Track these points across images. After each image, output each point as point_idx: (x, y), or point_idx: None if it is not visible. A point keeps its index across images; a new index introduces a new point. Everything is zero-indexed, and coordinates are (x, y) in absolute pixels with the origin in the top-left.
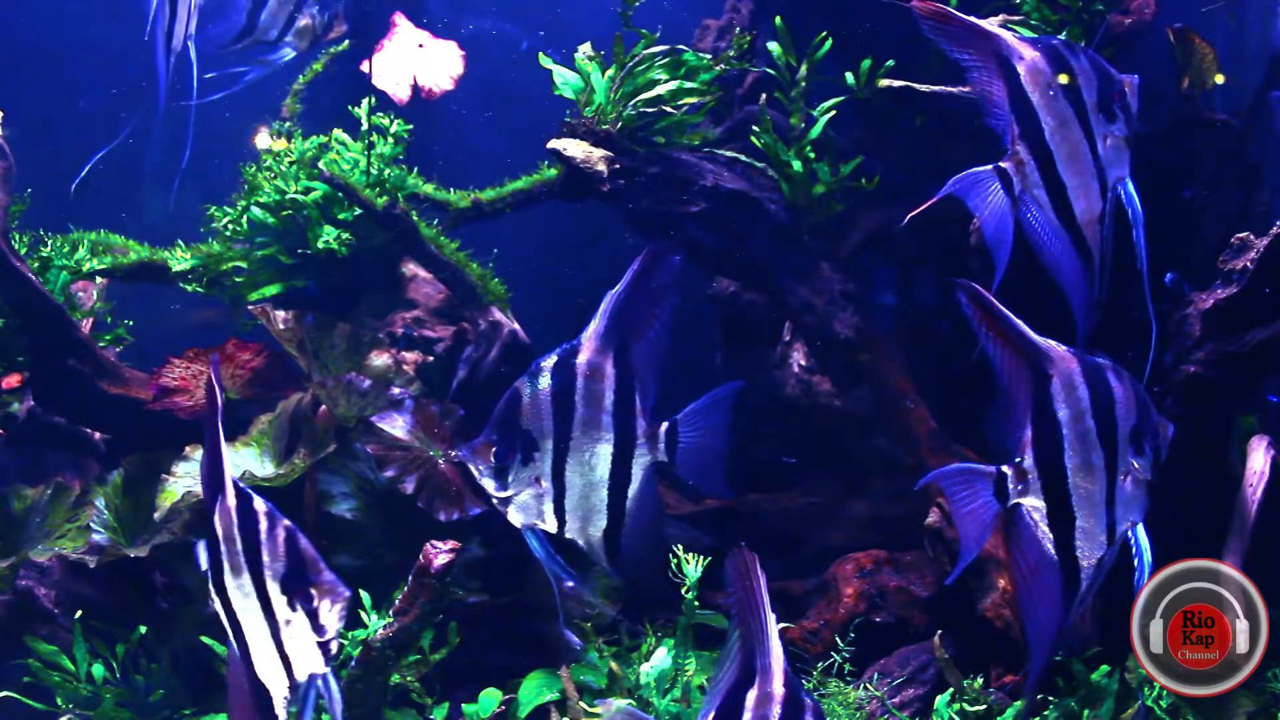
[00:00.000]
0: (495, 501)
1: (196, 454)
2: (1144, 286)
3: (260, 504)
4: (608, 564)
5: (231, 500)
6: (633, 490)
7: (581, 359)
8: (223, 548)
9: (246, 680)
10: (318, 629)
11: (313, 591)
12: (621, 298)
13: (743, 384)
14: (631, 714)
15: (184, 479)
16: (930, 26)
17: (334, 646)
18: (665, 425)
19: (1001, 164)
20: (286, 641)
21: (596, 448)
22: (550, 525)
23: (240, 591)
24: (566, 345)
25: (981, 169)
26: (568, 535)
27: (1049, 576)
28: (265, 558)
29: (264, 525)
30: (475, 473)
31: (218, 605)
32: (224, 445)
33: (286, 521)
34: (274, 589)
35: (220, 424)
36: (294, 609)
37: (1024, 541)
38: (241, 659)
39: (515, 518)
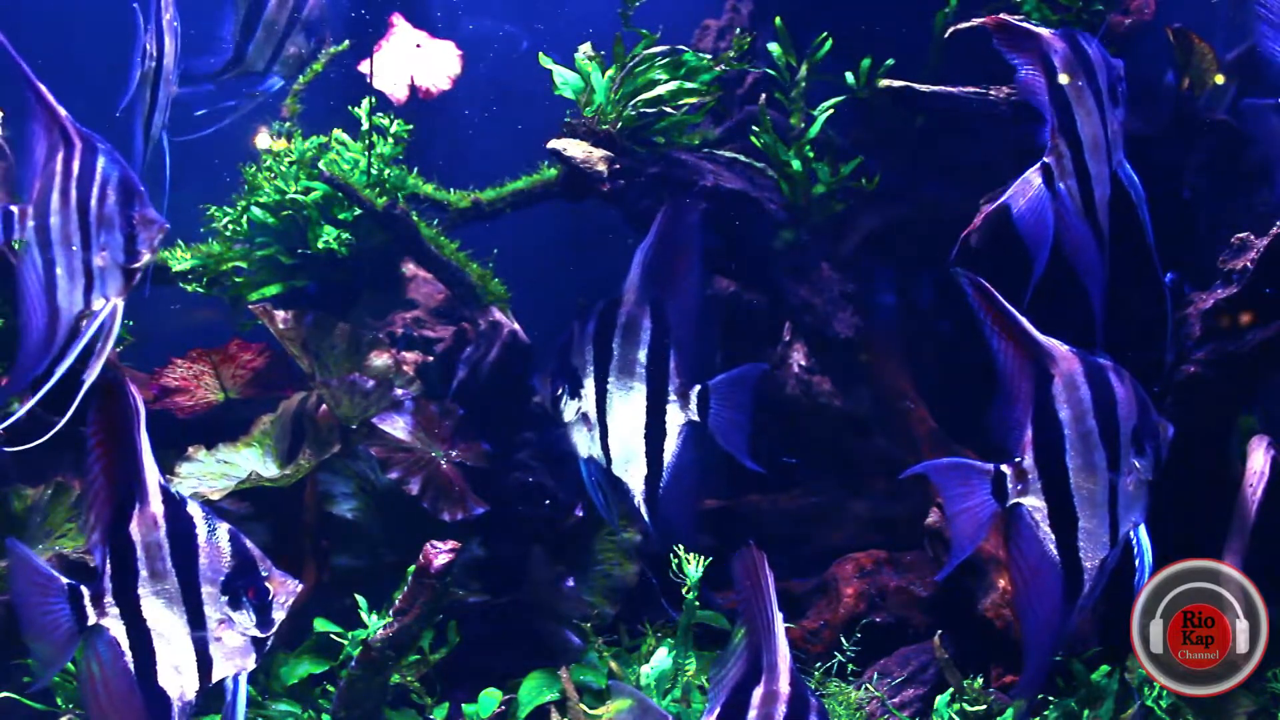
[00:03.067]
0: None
1: (200, 454)
2: (1154, 263)
3: (195, 509)
4: (645, 511)
5: (156, 508)
6: (669, 446)
7: (622, 309)
8: (140, 555)
9: (140, 688)
10: (267, 622)
11: (267, 585)
12: (651, 250)
13: (766, 367)
14: (640, 704)
15: (188, 480)
16: (997, 38)
17: (269, 642)
18: (698, 387)
19: (1045, 159)
20: (214, 643)
21: (630, 394)
22: (601, 458)
23: (157, 598)
24: (613, 294)
25: (1030, 171)
26: (615, 472)
27: (1049, 577)
28: (203, 561)
29: (201, 530)
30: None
31: (111, 617)
32: (148, 453)
33: (226, 525)
34: (209, 591)
35: (142, 432)
36: (237, 608)
37: (1024, 542)
38: (137, 668)
39: (576, 447)
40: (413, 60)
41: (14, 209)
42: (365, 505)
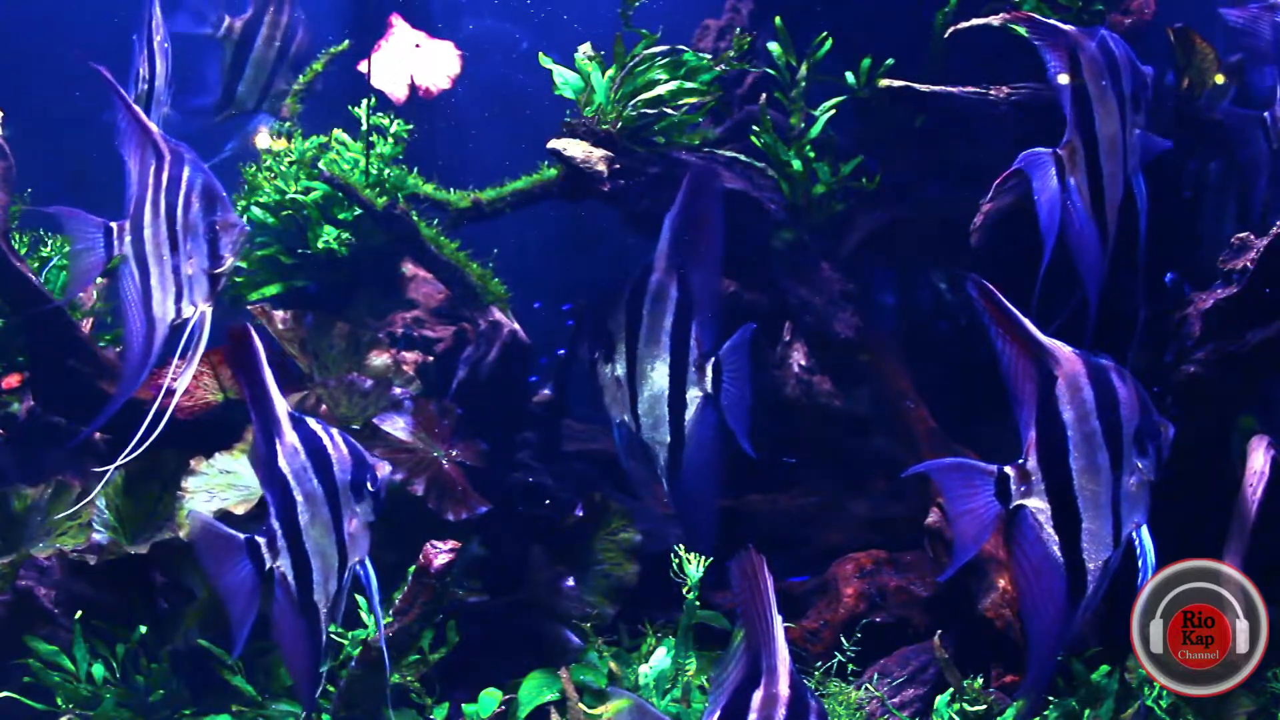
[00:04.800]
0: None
1: (201, 466)
2: (1139, 277)
3: (312, 421)
4: (667, 481)
5: (292, 436)
6: (690, 417)
7: (653, 277)
8: (294, 485)
9: (304, 615)
10: (379, 507)
11: (376, 473)
12: (677, 218)
13: (754, 325)
14: (639, 708)
15: (200, 494)
16: (1030, 32)
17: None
18: (712, 359)
19: (1058, 150)
20: (347, 538)
21: (655, 362)
22: (631, 423)
23: (313, 521)
24: (647, 260)
25: (1042, 150)
26: (643, 437)
27: (1052, 578)
28: (337, 470)
29: (326, 440)
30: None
31: (282, 555)
32: (274, 386)
33: (335, 429)
34: (344, 494)
35: (267, 368)
36: (360, 499)
37: (1027, 543)
38: (299, 594)
39: (609, 409)
40: (412, 60)
41: (114, 225)
42: None
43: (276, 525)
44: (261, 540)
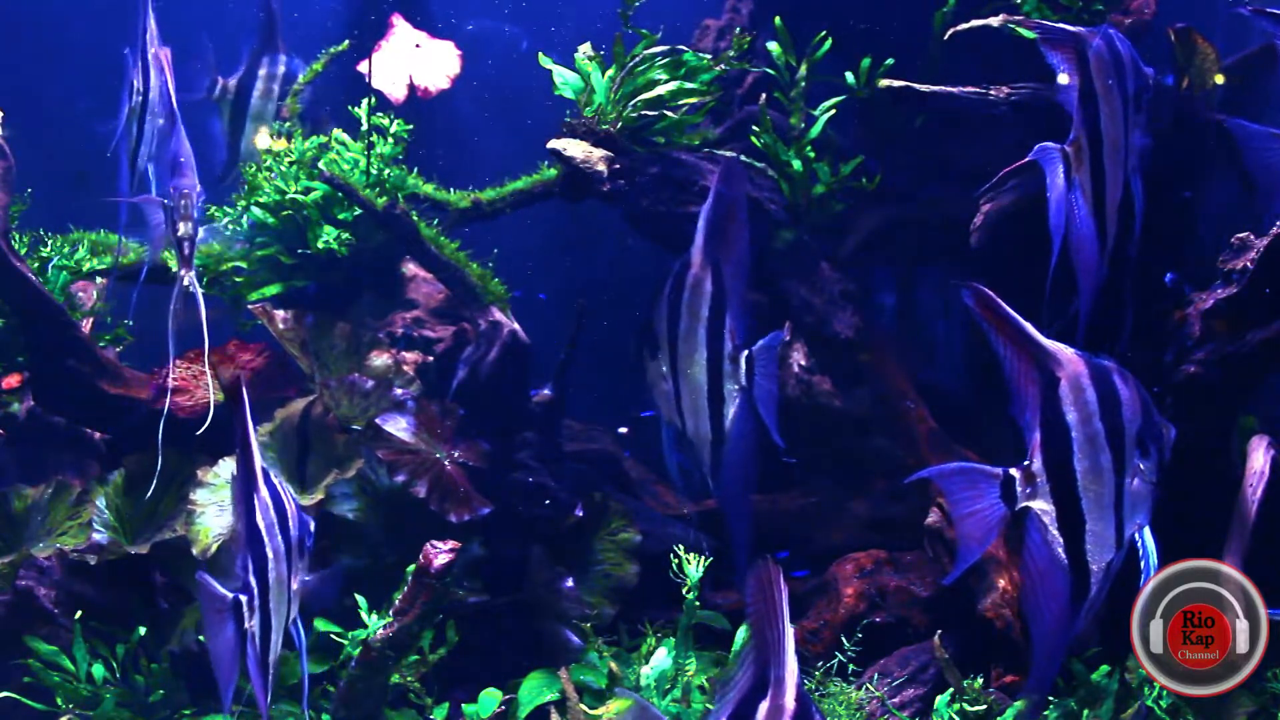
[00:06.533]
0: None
1: (208, 476)
2: (1128, 277)
3: (275, 478)
4: (709, 474)
5: (265, 493)
6: (730, 412)
7: (690, 271)
8: (265, 540)
9: (262, 655)
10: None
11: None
12: (710, 211)
13: (785, 335)
14: (641, 708)
15: (209, 508)
16: (1038, 35)
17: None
18: (746, 353)
19: (1065, 146)
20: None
21: (694, 355)
22: (677, 421)
23: (275, 581)
24: (686, 254)
25: (1053, 145)
26: (688, 433)
27: (1058, 580)
28: (292, 529)
29: (286, 500)
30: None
31: (255, 619)
32: (256, 444)
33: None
34: (295, 554)
35: (250, 425)
36: (302, 557)
37: (1035, 545)
38: (262, 640)
39: (658, 404)
40: (412, 60)
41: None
42: (365, 505)
43: (255, 583)
44: (244, 599)
